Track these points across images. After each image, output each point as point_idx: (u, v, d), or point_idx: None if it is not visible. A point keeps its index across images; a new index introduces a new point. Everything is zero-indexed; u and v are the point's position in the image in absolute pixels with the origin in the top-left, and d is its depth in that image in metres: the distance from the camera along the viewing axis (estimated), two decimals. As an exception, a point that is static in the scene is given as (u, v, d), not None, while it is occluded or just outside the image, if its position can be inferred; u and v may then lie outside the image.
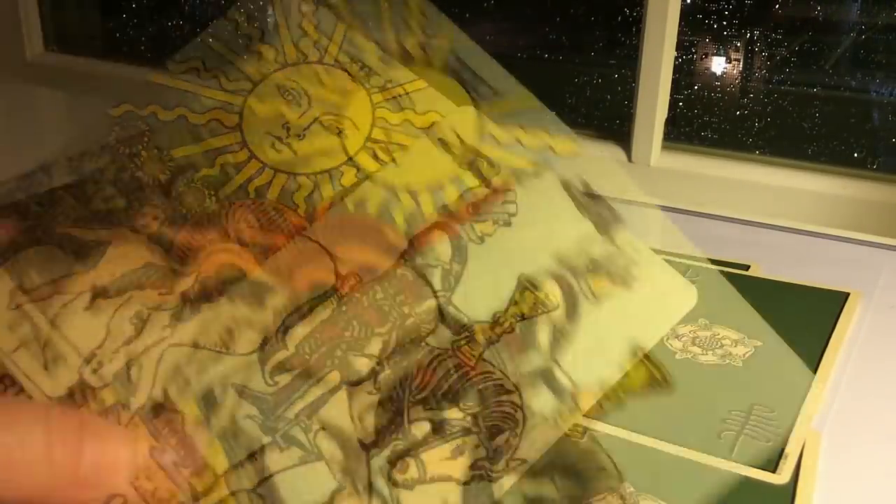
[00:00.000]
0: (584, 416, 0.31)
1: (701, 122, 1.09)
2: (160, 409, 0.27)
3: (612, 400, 0.32)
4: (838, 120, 1.02)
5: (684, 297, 0.34)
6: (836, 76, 1.02)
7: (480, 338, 0.30)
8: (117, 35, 1.59)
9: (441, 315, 0.30)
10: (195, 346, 0.29)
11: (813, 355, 0.49)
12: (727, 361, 0.47)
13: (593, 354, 0.31)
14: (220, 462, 0.27)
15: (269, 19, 0.36)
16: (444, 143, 0.34)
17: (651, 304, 0.33)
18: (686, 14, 1.01)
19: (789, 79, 1.05)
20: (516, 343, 0.31)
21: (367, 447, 0.28)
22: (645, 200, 0.35)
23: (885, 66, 0.99)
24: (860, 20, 1.01)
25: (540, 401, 0.30)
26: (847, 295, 0.56)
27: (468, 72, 0.36)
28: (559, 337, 0.31)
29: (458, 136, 0.34)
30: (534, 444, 0.29)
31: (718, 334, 0.50)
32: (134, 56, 1.52)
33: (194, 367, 0.29)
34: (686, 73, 1.07)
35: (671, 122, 1.04)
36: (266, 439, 0.28)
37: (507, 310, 0.31)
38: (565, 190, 0.34)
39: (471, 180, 0.34)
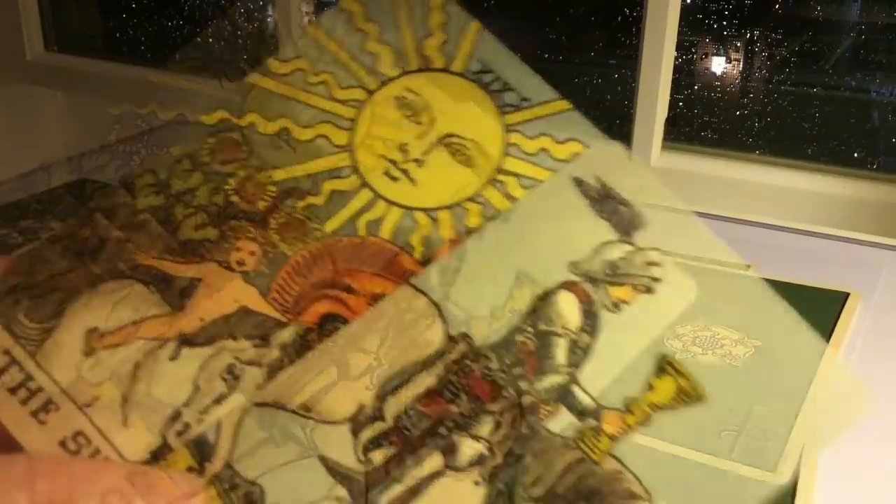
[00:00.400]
0: (609, 436, 0.29)
1: (701, 122, 1.09)
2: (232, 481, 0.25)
3: (638, 417, 0.29)
4: (838, 120, 1.03)
5: (684, 292, 0.33)
6: (836, 76, 1.03)
7: (476, 333, 0.29)
8: (117, 35, 1.59)
9: (439, 311, 0.29)
10: (282, 408, 0.26)
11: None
12: (727, 361, 0.47)
13: (615, 369, 0.29)
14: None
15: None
16: (465, 158, 0.30)
17: (652, 300, 0.32)
18: (686, 14, 1.01)
19: (789, 79, 1.05)
20: (531, 360, 0.28)
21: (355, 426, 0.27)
22: (673, 203, 0.33)
23: (885, 66, 0.99)
24: (860, 20, 1.01)
25: (559, 422, 0.28)
26: (847, 295, 0.56)
27: (492, 76, 0.31)
28: (578, 352, 0.29)
29: (482, 150, 0.30)
30: (552, 467, 0.28)
31: (718, 334, 0.50)
32: (134, 56, 1.53)
33: (278, 432, 0.26)
34: (686, 73, 1.07)
35: (671, 122, 1.04)
36: None
37: (504, 305, 0.29)
38: (578, 189, 0.30)
39: (496, 198, 0.29)
